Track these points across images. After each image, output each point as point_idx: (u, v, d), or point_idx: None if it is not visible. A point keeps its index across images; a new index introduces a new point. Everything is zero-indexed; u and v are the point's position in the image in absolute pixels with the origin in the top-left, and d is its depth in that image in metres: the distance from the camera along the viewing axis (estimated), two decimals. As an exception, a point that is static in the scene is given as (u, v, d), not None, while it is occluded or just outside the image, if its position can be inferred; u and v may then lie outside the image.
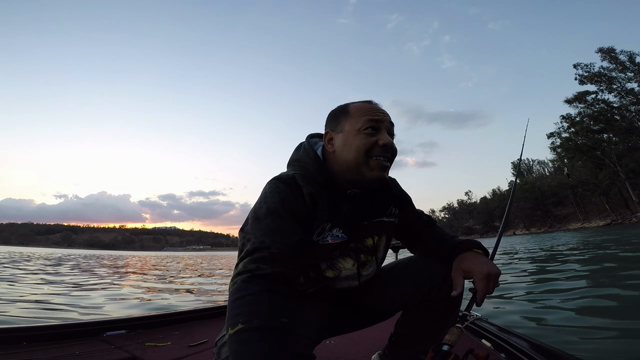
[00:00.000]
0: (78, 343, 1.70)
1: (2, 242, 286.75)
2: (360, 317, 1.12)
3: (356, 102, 1.00)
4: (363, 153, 0.91)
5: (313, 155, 0.97)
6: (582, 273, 4.91)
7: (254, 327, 0.65)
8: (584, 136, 50.91)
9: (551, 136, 54.62)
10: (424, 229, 1.13)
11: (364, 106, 0.96)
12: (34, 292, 4.67)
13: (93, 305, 3.77)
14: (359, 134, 0.92)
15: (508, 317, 2.81)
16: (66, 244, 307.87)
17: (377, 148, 0.91)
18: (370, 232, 1.02)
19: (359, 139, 0.91)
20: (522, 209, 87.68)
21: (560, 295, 3.48)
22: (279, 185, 0.88)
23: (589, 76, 50.00)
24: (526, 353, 1.25)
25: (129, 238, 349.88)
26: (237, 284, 0.72)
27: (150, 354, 1.61)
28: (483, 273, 0.87)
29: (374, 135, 0.92)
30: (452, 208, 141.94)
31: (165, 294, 4.91)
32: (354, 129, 0.92)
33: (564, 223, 75.98)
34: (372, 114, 0.93)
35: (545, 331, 2.34)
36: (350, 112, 0.96)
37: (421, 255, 1.12)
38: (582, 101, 51.14)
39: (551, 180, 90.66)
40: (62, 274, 7.97)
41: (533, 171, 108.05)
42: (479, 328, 1.71)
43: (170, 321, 2.16)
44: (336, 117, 0.98)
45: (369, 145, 0.91)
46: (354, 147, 0.91)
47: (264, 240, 0.77)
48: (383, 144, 0.91)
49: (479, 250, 0.97)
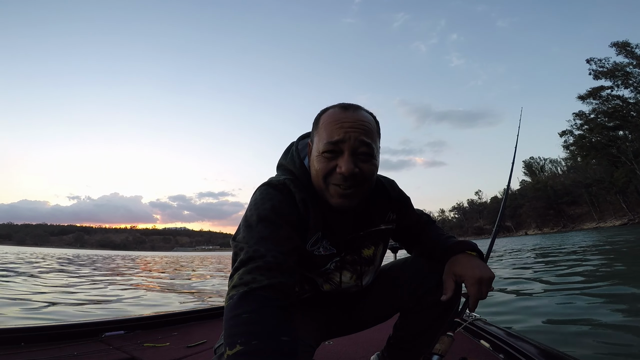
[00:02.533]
0: (77, 343, 1.70)
1: (18, 242, 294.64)
2: (357, 320, 1.09)
3: (331, 108, 0.86)
4: (321, 178, 0.81)
5: (299, 164, 0.89)
6: (601, 273, 4.78)
7: (253, 349, 0.60)
8: (599, 133, 49.68)
9: (564, 134, 53.65)
10: (422, 229, 1.08)
11: (332, 120, 0.81)
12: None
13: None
14: (319, 157, 0.81)
15: (508, 317, 2.79)
16: (78, 245, 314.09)
17: (336, 175, 0.79)
18: (367, 242, 0.96)
19: (318, 162, 0.81)
20: (535, 208, 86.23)
21: (566, 296, 3.41)
22: (270, 191, 0.82)
23: (604, 71, 48.77)
24: (525, 354, 1.23)
25: (140, 238, 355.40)
26: (233, 299, 0.67)
27: (149, 354, 1.60)
28: (475, 277, 0.82)
29: (333, 159, 0.79)
30: (462, 208, 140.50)
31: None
32: (317, 149, 0.82)
33: (578, 223, 74.36)
34: (334, 132, 0.79)
35: (546, 331, 2.33)
36: (319, 125, 0.84)
37: (417, 257, 1.07)
38: (596, 97, 50.01)
39: (564, 179, 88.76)
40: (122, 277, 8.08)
41: (545, 170, 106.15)
42: (477, 328, 1.70)
43: (169, 322, 2.16)
44: (314, 126, 0.87)
45: (326, 171, 0.80)
46: (314, 170, 0.83)
47: (258, 248, 0.72)
48: (340, 172, 0.78)
49: (472, 253, 0.91)
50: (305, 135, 0.98)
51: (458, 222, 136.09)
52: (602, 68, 49.22)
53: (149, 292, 5.19)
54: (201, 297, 4.82)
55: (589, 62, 50.10)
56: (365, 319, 1.08)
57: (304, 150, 0.93)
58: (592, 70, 50.08)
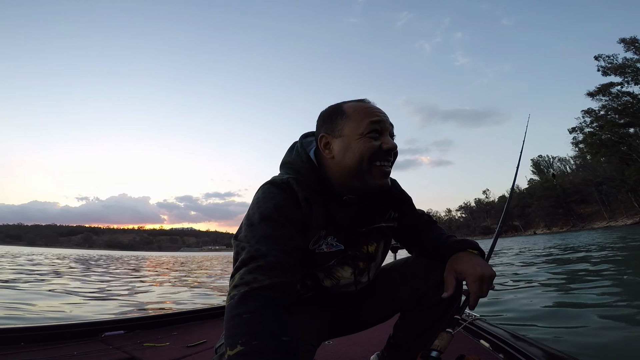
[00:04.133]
0: (76, 343, 1.69)
1: (28, 243, 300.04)
2: (358, 320, 1.08)
3: (349, 101, 0.92)
4: (367, 159, 0.83)
5: (306, 159, 0.90)
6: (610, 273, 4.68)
7: (254, 349, 0.61)
8: (609, 130, 48.82)
9: (573, 131, 52.85)
10: (423, 229, 1.08)
11: (362, 107, 0.88)
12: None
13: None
14: (362, 139, 0.84)
15: (508, 317, 2.78)
16: (87, 245, 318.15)
17: (381, 153, 0.84)
18: (369, 238, 0.97)
19: (363, 144, 0.83)
20: (543, 207, 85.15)
21: (569, 297, 3.40)
22: (273, 190, 0.82)
23: (613, 67, 47.91)
24: (525, 354, 1.22)
25: (147, 239, 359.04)
26: (234, 299, 0.67)
27: (149, 354, 1.59)
28: (476, 275, 0.82)
29: (377, 139, 0.85)
30: (469, 207, 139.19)
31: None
32: (356, 133, 0.84)
33: (588, 222, 73.27)
34: (373, 115, 0.86)
35: (547, 332, 2.30)
36: (348, 114, 0.87)
37: (418, 257, 1.07)
38: (605, 94, 49.12)
39: (573, 177, 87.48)
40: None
41: (554, 168, 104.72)
42: (477, 328, 1.70)
43: (169, 322, 2.16)
44: (331, 120, 0.89)
45: (373, 150, 0.83)
46: (357, 153, 0.84)
47: (259, 248, 0.72)
48: (387, 148, 0.85)
49: (474, 251, 0.91)
50: (309, 133, 0.99)
51: (465, 222, 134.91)
52: (610, 64, 48.40)
53: (185, 289, 5.63)
54: (201, 297, 4.94)
55: (597, 58, 49.30)
56: (365, 319, 1.07)
57: (308, 147, 0.94)
58: (601, 66, 49.27)
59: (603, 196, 69.45)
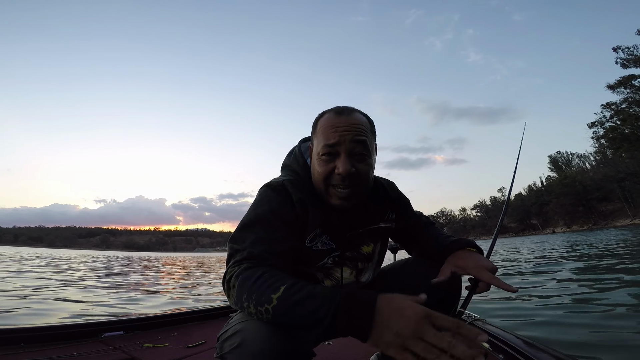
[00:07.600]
0: (76, 344, 1.68)
1: (48, 245, 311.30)
2: None
3: (326, 112, 0.89)
4: (322, 181, 0.85)
5: (302, 163, 0.94)
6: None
7: (293, 283, 0.63)
8: (632, 124, 46.85)
9: (593, 126, 50.91)
10: (421, 230, 1.08)
11: (327, 124, 0.85)
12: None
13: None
14: (319, 159, 0.85)
15: (508, 317, 2.76)
16: (104, 246, 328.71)
17: (335, 176, 0.83)
18: (366, 239, 0.99)
19: (318, 165, 0.85)
20: (562, 205, 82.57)
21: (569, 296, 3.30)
22: (269, 193, 0.85)
23: (633, 59, 45.95)
24: (525, 354, 1.23)
25: (162, 240, 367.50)
26: (239, 277, 0.69)
27: (149, 355, 1.58)
28: (479, 266, 0.84)
29: (331, 161, 0.83)
30: (484, 206, 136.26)
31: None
32: (316, 152, 0.86)
33: (610, 219, 70.61)
34: (330, 135, 0.82)
35: (547, 332, 2.27)
36: (317, 129, 0.87)
37: (417, 257, 1.07)
38: (627, 86, 47.12)
39: (594, 173, 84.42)
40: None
41: (572, 165, 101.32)
42: (477, 328, 1.58)
43: (169, 322, 2.15)
44: (312, 131, 0.92)
45: (326, 173, 0.83)
46: (315, 172, 0.87)
47: (252, 250, 0.74)
48: (338, 173, 0.81)
49: (472, 249, 0.92)
50: (306, 138, 1.02)
51: (480, 221, 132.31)
52: (631, 56, 46.42)
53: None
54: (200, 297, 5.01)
55: (615, 50, 47.32)
56: None
57: (306, 152, 0.97)
58: (620, 58, 47.29)
59: (626, 193, 66.79)
